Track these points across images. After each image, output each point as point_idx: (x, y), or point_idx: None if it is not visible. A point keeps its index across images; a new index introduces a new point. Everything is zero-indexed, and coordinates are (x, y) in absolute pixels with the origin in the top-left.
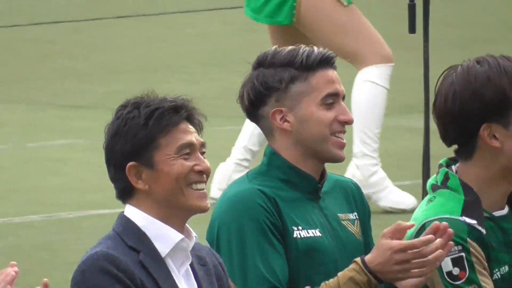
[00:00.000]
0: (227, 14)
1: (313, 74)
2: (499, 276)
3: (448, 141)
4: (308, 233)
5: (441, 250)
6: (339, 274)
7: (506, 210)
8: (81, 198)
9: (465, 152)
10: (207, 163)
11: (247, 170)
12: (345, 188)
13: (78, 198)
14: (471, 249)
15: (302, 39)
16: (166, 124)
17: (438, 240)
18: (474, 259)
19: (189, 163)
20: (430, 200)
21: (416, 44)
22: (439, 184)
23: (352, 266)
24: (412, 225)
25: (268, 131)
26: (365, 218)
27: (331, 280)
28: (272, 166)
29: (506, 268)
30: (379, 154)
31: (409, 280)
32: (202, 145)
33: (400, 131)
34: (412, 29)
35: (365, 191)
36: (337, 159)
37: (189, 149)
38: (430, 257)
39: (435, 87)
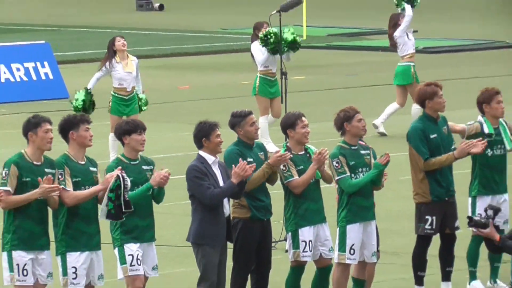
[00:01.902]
0: None
1: (246, 118)
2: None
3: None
4: (252, 161)
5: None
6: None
7: (303, 152)
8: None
9: (288, 138)
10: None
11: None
12: (259, 145)
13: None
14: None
15: None
16: (212, 127)
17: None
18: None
19: (219, 139)
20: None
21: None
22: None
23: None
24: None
25: (237, 132)
26: (266, 156)
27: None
28: (239, 141)
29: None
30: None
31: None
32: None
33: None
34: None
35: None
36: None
37: (219, 134)
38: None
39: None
